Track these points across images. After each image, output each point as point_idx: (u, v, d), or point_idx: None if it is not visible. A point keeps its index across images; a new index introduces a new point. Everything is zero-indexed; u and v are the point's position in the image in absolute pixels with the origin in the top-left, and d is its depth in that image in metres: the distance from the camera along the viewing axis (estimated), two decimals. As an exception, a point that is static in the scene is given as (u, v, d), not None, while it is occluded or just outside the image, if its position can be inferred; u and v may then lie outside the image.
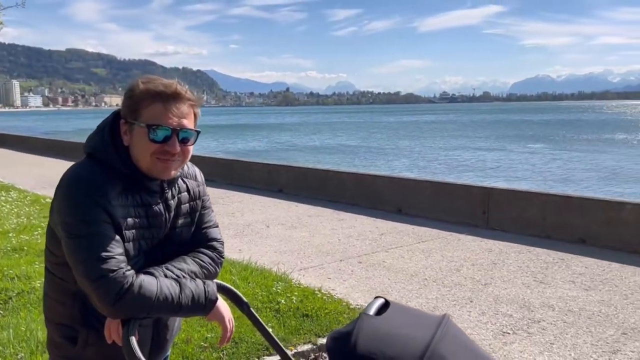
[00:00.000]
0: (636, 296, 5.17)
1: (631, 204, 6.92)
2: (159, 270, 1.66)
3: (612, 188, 19.06)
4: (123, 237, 1.61)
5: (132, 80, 1.70)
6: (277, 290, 4.79)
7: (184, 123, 1.66)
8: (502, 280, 5.69)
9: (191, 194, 1.86)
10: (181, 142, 1.67)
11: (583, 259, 6.42)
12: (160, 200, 1.74)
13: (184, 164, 1.77)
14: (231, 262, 5.72)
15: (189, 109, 1.69)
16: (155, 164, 1.66)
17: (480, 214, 8.33)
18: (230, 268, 5.45)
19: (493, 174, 23.42)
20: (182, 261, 1.76)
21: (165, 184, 1.74)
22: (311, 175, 11.30)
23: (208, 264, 1.81)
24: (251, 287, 4.93)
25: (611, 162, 27.77)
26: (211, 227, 1.91)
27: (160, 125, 1.63)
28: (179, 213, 1.81)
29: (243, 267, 5.56)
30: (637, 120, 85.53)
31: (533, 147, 37.64)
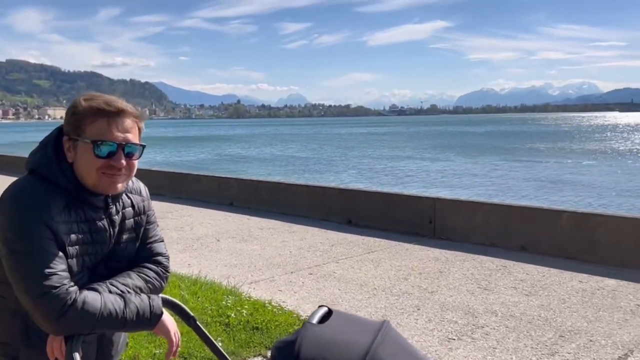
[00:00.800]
0: (573, 300, 5.43)
1: (568, 212, 7.28)
2: (103, 285, 1.66)
3: (550, 196, 19.91)
4: (66, 253, 1.60)
5: (75, 96, 1.70)
6: (227, 304, 4.78)
7: (128, 138, 1.68)
8: (448, 288, 5.85)
9: (136, 209, 1.86)
10: (126, 157, 1.69)
11: (524, 266, 6.68)
12: (104, 216, 1.74)
13: (130, 178, 1.78)
14: (180, 277, 5.66)
15: (133, 124, 1.71)
16: (101, 179, 1.67)
17: (427, 223, 8.54)
18: (179, 283, 5.39)
19: (439, 184, 24.03)
20: (127, 276, 1.76)
21: (109, 199, 1.74)
22: (262, 188, 11.30)
23: (153, 279, 1.82)
24: (200, 301, 4.89)
25: (550, 172, 29.02)
26: (156, 241, 1.92)
27: (105, 141, 1.64)
28: (123, 228, 1.81)
29: (192, 282, 5.50)
30: (574, 132, 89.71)
31: (477, 158, 38.88)
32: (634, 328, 4.68)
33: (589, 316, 4.98)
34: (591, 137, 72.42)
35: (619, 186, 23.32)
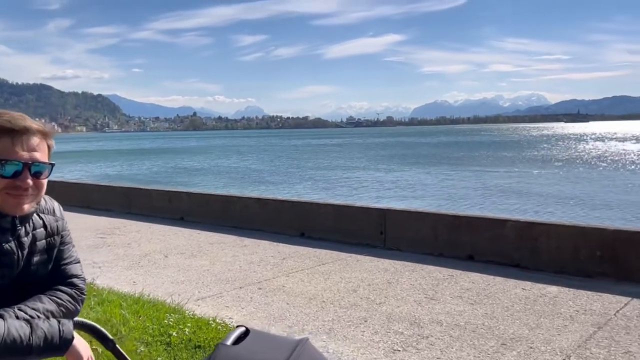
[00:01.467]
0: (516, 308, 5.55)
1: (512, 220, 7.46)
2: (10, 311, 1.58)
3: (499, 205, 20.46)
4: (-30, 278, 1.52)
5: (24, 109, 1.63)
6: (170, 323, 4.66)
7: (35, 156, 1.62)
8: (396, 299, 5.89)
9: (48, 229, 1.79)
10: (34, 176, 1.62)
11: (471, 275, 6.80)
12: (12, 238, 1.66)
13: (39, 198, 1.71)
14: (122, 296, 5.50)
15: (40, 141, 1.64)
16: (6, 200, 1.60)
17: (378, 234, 8.60)
18: (120, 302, 5.23)
19: (391, 195, 24.34)
20: (38, 300, 1.68)
21: (17, 220, 1.67)
22: (214, 201, 11.15)
23: (67, 302, 1.75)
24: (142, 320, 4.75)
25: (499, 181, 29.82)
26: (71, 263, 1.84)
27: (9, 160, 1.57)
28: (34, 250, 1.73)
29: (134, 301, 5.35)
30: (523, 142, 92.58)
31: (429, 168, 39.66)
32: (572, 334, 4.81)
33: (531, 323, 5.09)
34: (539, 147, 74.92)
35: (562, 194, 24.15)
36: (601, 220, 16.75)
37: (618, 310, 5.38)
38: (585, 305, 5.56)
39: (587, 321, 5.11)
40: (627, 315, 5.25)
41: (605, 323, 5.04)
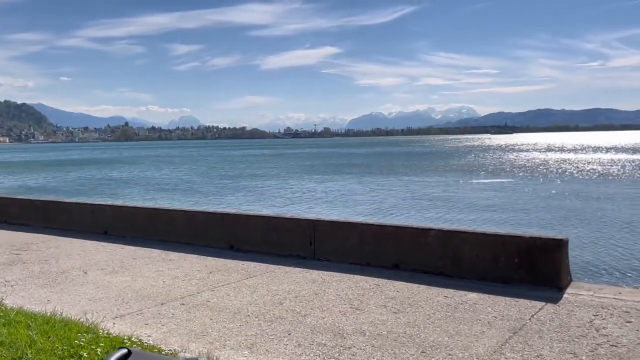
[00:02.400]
0: (437, 315, 5.66)
1: (435, 230, 7.65)
2: None
3: (425, 214, 21.04)
4: None
5: None
6: (81, 343, 4.42)
7: None
8: (322, 310, 5.87)
9: None
10: None
11: (396, 284, 6.89)
12: None
13: None
14: (31, 316, 5.18)
15: None
16: None
17: (308, 245, 8.58)
18: (28, 323, 4.92)
19: (322, 205, 24.51)
20: None
21: None
22: (139, 215, 10.79)
23: None
24: (51, 341, 4.49)
25: (426, 190, 30.68)
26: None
27: None
28: None
29: (45, 320, 5.05)
30: (452, 153, 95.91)
31: (361, 178, 40.34)
32: (490, 340, 4.95)
33: (451, 331, 5.20)
34: (466, 157, 77.79)
35: (485, 202, 25.12)
36: (519, 228, 17.56)
37: (533, 315, 5.59)
38: (503, 312, 5.75)
39: (504, 327, 5.28)
40: (541, 320, 5.47)
41: (521, 328, 5.23)
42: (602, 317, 5.49)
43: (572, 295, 6.26)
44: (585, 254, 13.57)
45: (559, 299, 6.12)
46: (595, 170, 47.11)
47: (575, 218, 20.09)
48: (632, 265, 12.49)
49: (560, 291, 6.40)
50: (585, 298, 6.14)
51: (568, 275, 6.75)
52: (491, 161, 66.58)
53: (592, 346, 4.73)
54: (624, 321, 5.36)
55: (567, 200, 25.75)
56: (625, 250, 14.24)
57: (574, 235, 16.08)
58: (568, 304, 5.94)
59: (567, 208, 23.00)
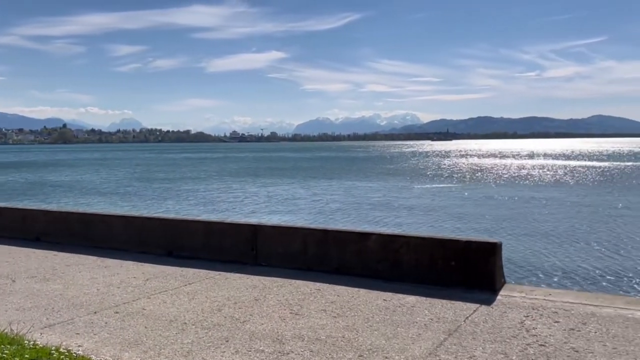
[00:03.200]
0: (376, 319, 5.72)
1: (375, 234, 7.74)
2: None
3: (366, 217, 21.33)
4: None
5: None
6: (4, 355, 4.19)
7: None
8: (261, 316, 5.82)
9: None
10: None
11: (337, 288, 6.92)
12: None
13: None
14: (-51, 328, 4.87)
15: None
16: None
17: (249, 251, 8.50)
18: (-55, 336, 4.63)
19: (264, 209, 24.42)
20: None
21: None
22: (74, 220, 10.37)
23: None
24: (-30, 355, 4.23)
25: (368, 194, 31.13)
26: None
27: None
28: None
29: (-36, 333, 4.76)
30: (395, 158, 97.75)
31: (305, 182, 40.50)
32: (425, 342, 5.04)
33: (388, 333, 5.26)
34: (408, 162, 79.52)
35: (424, 206, 25.75)
36: (456, 232, 18.10)
37: (467, 317, 5.74)
38: (439, 314, 5.87)
39: (439, 329, 5.39)
40: (475, 321, 5.62)
41: (456, 330, 5.35)
42: (532, 317, 5.70)
43: (505, 296, 6.47)
44: (518, 257, 14.10)
45: (493, 301, 6.31)
46: (529, 175, 49.14)
47: (508, 222, 20.87)
48: (562, 267, 13.08)
49: (494, 293, 6.61)
50: (517, 299, 6.36)
51: (502, 278, 6.98)
52: (431, 167, 68.28)
53: (522, 346, 4.90)
54: (553, 321, 5.58)
55: (501, 205, 26.71)
56: (555, 252, 14.90)
57: (508, 238, 16.71)
58: (501, 306, 6.13)
59: (501, 212, 23.86)
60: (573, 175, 49.32)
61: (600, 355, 4.66)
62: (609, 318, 5.63)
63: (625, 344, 4.91)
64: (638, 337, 5.07)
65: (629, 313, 5.77)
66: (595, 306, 6.05)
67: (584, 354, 4.70)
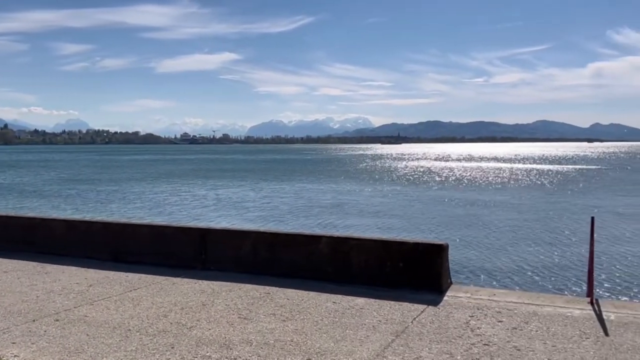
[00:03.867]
0: (325, 321, 5.72)
1: (326, 236, 7.75)
2: None
3: (316, 220, 21.41)
4: None
5: None
6: None
7: None
8: (209, 321, 5.72)
9: None
10: None
11: (287, 291, 6.89)
12: None
13: None
14: None
15: None
16: None
17: (198, 255, 8.35)
18: None
19: (214, 212, 24.12)
20: None
21: None
22: (13, 225, 9.92)
23: None
24: None
25: (319, 196, 31.26)
26: None
27: None
28: None
29: None
30: (347, 161, 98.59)
31: (256, 185, 40.34)
32: (373, 343, 5.07)
33: (337, 336, 5.27)
34: (358, 165, 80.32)
35: (376, 208, 26.07)
36: (405, 233, 18.41)
37: (415, 318, 5.82)
38: (387, 315, 5.93)
39: (387, 330, 5.44)
40: (422, 322, 5.70)
41: (403, 331, 5.42)
42: (477, 317, 5.84)
43: (451, 297, 6.60)
44: (465, 258, 14.46)
45: (439, 302, 6.43)
46: (476, 178, 50.51)
47: (455, 223, 21.37)
48: (506, 268, 13.49)
49: (440, 294, 6.73)
50: (463, 300, 6.50)
51: (448, 279, 7.12)
52: (381, 169, 69.20)
53: (467, 346, 5.00)
54: (496, 321, 5.73)
55: (448, 207, 27.34)
56: (499, 253, 15.35)
57: (454, 239, 17.10)
58: (447, 306, 6.25)
59: (448, 214, 24.41)
60: (517, 178, 51.01)
61: (541, 353, 4.81)
62: (549, 317, 5.82)
63: (564, 341, 5.09)
64: (576, 334, 5.27)
65: (567, 312, 5.99)
66: (537, 305, 6.26)
67: (525, 352, 4.84)
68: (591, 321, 5.66)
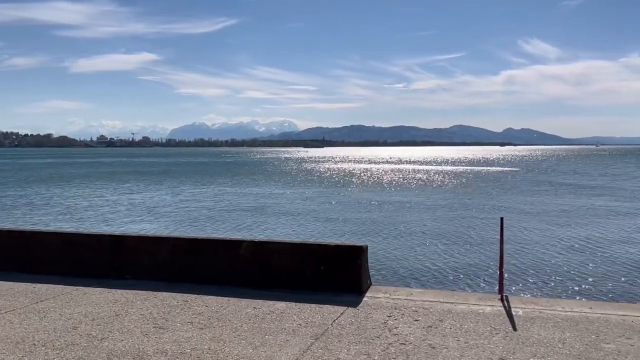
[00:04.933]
0: (245, 328, 5.63)
1: (246, 241, 7.65)
2: None
3: (237, 224, 21.18)
4: None
5: None
6: None
7: None
8: (122, 333, 5.47)
9: None
10: None
11: (206, 299, 6.73)
12: None
13: None
14: None
15: None
16: None
17: (112, 263, 7.99)
18: None
19: (129, 218, 23.25)
20: None
21: None
22: None
23: None
24: None
25: (240, 199, 30.98)
26: None
27: None
28: None
29: None
30: (270, 164, 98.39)
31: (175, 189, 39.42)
32: (292, 348, 5.05)
33: (256, 342, 5.20)
34: (282, 169, 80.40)
35: (298, 211, 26.16)
36: (326, 236, 18.59)
37: (335, 320, 5.85)
38: (308, 319, 5.92)
39: (307, 334, 5.43)
40: (341, 324, 5.74)
41: (323, 334, 5.43)
42: (395, 317, 5.96)
43: (370, 298, 6.71)
44: (385, 259, 14.79)
45: (359, 303, 6.51)
46: (396, 180, 51.91)
47: (375, 225, 21.82)
48: (423, 267, 13.92)
49: (360, 295, 6.82)
50: (382, 300, 6.62)
51: (368, 280, 7.24)
52: (304, 172, 69.57)
53: (385, 346, 5.09)
54: (413, 320, 5.87)
55: (369, 208, 27.90)
56: (418, 253, 15.83)
57: (374, 241, 17.47)
58: (367, 307, 6.34)
59: (369, 216, 24.89)
60: (435, 180, 52.93)
61: (454, 350, 4.98)
62: (463, 314, 6.05)
63: (476, 338, 5.29)
64: (487, 331, 5.49)
65: (480, 309, 6.25)
66: (452, 304, 6.48)
67: (440, 349, 4.99)
68: (501, 317, 5.93)
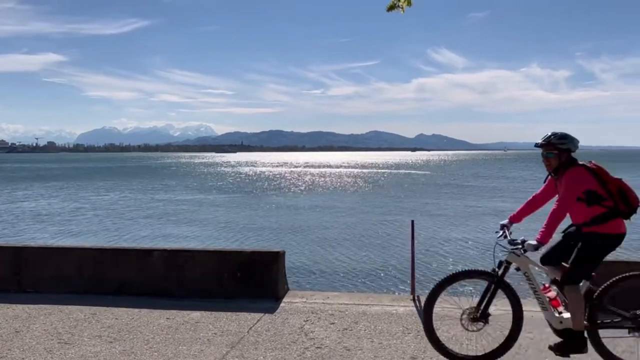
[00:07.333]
0: (157, 339, 5.45)
1: (158, 250, 7.44)
2: None
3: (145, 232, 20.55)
4: None
5: None
6: None
7: None
8: (22, 350, 5.13)
9: None
10: None
11: (115, 310, 6.45)
12: None
13: None
14: None
15: None
16: None
17: (11, 276, 7.47)
18: None
19: (30, 229, 21.85)
20: None
21: None
22: None
23: None
24: None
25: (153, 205, 30.10)
26: None
27: None
28: None
29: None
30: (184, 169, 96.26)
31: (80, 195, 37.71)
32: (207, 357, 4.95)
33: (169, 353, 5.05)
34: (195, 174, 78.92)
35: (213, 218, 25.79)
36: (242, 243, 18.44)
37: (251, 327, 5.81)
38: (223, 327, 5.84)
39: (222, 342, 5.35)
40: (258, 331, 5.71)
41: (239, 342, 5.37)
42: (311, 321, 6.00)
43: (287, 303, 6.72)
44: (301, 263, 14.89)
45: (276, 309, 6.50)
46: (313, 185, 52.44)
47: (292, 230, 21.94)
48: (340, 270, 14.15)
49: (277, 301, 6.82)
50: (299, 305, 6.65)
51: (285, 285, 7.24)
52: (220, 178, 68.67)
53: (301, 350, 5.11)
54: (329, 323, 5.95)
55: (286, 213, 28.00)
56: (334, 257, 16.07)
57: (291, 246, 17.54)
58: (283, 313, 6.35)
59: (285, 220, 24.99)
60: (349, 183, 53.98)
61: (368, 351, 5.09)
62: (376, 316, 6.20)
63: (389, 338, 5.44)
64: (399, 331, 5.67)
65: (393, 309, 6.44)
66: (366, 305, 6.63)
67: (354, 351, 5.08)
68: (413, 317, 6.14)
